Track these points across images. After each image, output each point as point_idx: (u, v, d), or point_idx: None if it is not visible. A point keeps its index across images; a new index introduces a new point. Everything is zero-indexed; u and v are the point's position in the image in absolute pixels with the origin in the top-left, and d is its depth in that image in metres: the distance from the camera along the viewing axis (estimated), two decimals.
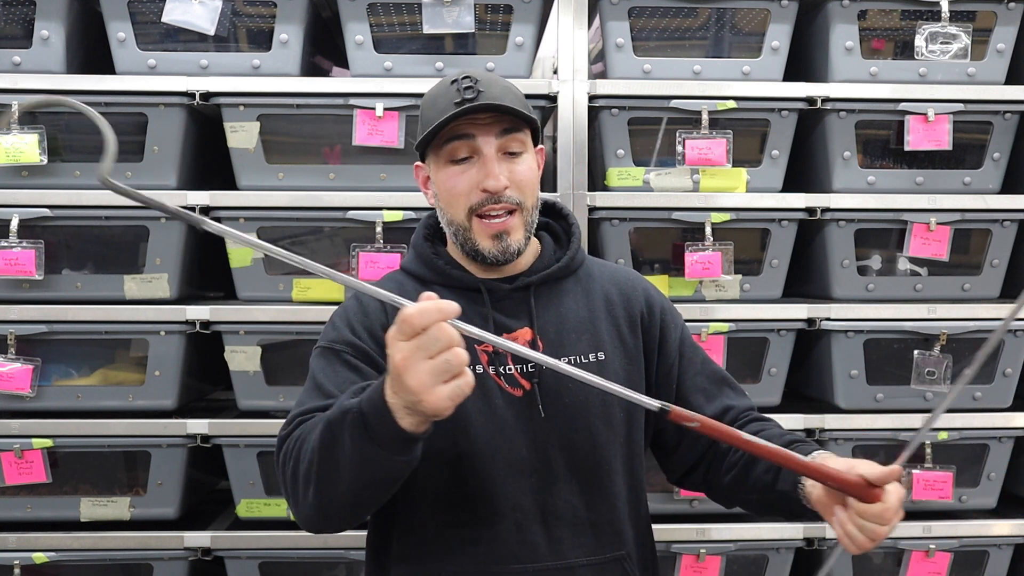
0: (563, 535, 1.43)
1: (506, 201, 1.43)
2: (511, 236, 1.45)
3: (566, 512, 1.43)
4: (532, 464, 1.43)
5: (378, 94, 2.20)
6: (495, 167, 1.43)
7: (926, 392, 2.29)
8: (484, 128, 1.43)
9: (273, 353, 2.24)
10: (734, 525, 2.25)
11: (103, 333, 2.19)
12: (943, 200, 2.29)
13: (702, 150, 2.23)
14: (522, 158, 1.47)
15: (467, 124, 1.42)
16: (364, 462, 1.19)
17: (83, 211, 2.19)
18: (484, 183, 1.42)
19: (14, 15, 2.26)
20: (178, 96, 2.19)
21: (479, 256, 1.46)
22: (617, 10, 2.25)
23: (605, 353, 1.49)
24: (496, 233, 1.44)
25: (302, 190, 2.22)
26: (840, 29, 2.28)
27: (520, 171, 1.45)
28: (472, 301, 1.47)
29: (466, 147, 1.44)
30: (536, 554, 1.41)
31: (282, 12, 2.22)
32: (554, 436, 1.44)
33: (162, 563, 2.19)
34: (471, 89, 1.42)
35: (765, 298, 2.31)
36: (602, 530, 1.46)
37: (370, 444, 1.17)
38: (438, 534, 1.43)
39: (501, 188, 1.42)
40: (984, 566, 2.32)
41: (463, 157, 1.44)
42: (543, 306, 1.49)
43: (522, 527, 1.41)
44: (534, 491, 1.43)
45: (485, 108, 1.41)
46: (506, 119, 1.44)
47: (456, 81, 1.44)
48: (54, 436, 2.16)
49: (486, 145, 1.43)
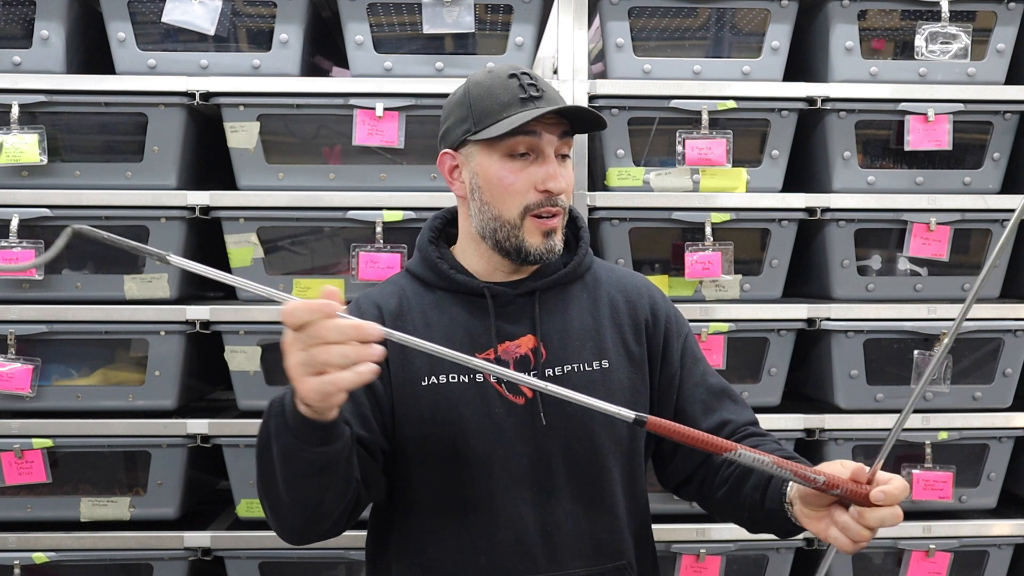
0: (562, 544, 1.42)
1: (559, 205, 1.44)
2: (556, 235, 1.45)
3: (566, 522, 1.42)
4: (532, 473, 1.42)
5: (378, 94, 2.20)
6: (558, 169, 1.43)
7: (926, 392, 2.29)
8: (549, 128, 1.42)
9: (273, 353, 2.24)
10: (734, 525, 2.24)
11: (103, 333, 2.20)
12: (943, 200, 2.29)
13: (702, 150, 2.23)
14: (569, 163, 1.48)
15: (533, 121, 1.40)
16: (285, 454, 1.22)
17: (83, 211, 2.18)
18: (547, 184, 1.41)
19: (14, 15, 2.26)
20: (178, 96, 2.19)
21: (522, 253, 1.44)
22: (617, 10, 2.25)
23: (609, 361, 1.47)
24: (548, 231, 1.44)
25: (302, 190, 2.22)
26: (840, 29, 2.28)
27: (569, 176, 1.47)
28: (476, 307, 1.46)
29: (527, 144, 1.42)
30: (535, 564, 1.41)
31: (282, 12, 2.22)
32: (556, 445, 1.43)
33: (162, 563, 2.19)
34: (534, 87, 1.42)
35: (765, 298, 2.31)
36: (602, 540, 1.45)
37: (287, 433, 1.20)
38: (436, 540, 1.43)
39: (563, 190, 1.43)
40: (984, 566, 2.32)
41: (522, 152, 1.43)
42: (548, 312, 1.48)
43: (520, 536, 1.41)
44: (534, 500, 1.42)
45: (569, 111, 1.41)
46: (564, 122, 1.44)
47: (515, 76, 1.43)
48: (54, 436, 2.16)
49: (549, 145, 1.43)
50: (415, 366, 1.43)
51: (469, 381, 1.42)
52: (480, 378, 1.43)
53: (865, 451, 2.34)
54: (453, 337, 1.44)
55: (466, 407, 1.42)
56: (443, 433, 1.42)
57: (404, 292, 1.50)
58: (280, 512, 1.31)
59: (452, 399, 1.42)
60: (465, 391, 1.42)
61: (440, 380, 1.42)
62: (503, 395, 1.43)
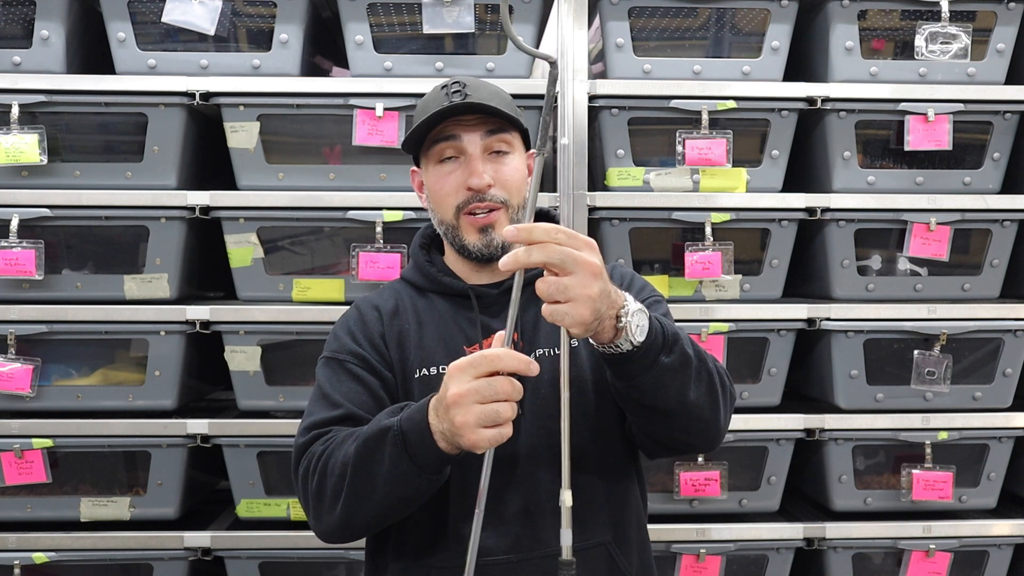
0: (544, 524, 1.44)
1: (490, 199, 1.49)
2: (495, 230, 1.49)
3: (547, 501, 1.44)
4: (511, 456, 1.45)
5: (378, 94, 2.20)
6: (479, 166, 1.48)
7: (926, 392, 2.29)
8: (469, 129, 1.49)
9: (273, 353, 2.24)
10: (734, 525, 2.25)
11: (103, 333, 2.20)
12: (943, 200, 2.29)
13: (702, 150, 2.23)
14: (508, 158, 1.52)
15: (453, 125, 1.49)
16: (399, 479, 1.28)
17: (83, 211, 2.19)
18: (468, 181, 1.48)
19: (14, 15, 2.26)
20: (178, 96, 2.19)
21: (466, 251, 1.52)
22: (617, 10, 2.25)
23: (578, 340, 1.50)
24: (481, 227, 1.49)
25: (302, 190, 2.22)
26: (840, 29, 2.28)
27: (505, 171, 1.51)
28: (462, 307, 1.54)
29: (452, 148, 1.50)
30: (519, 544, 1.43)
31: (282, 12, 2.22)
32: (532, 427, 1.46)
33: (162, 563, 2.19)
34: (459, 93, 1.47)
35: (765, 298, 2.31)
36: (582, 517, 1.46)
37: (408, 462, 1.27)
38: (428, 531, 1.45)
39: (485, 186, 1.48)
40: (984, 566, 2.32)
41: (449, 156, 1.50)
42: (526, 307, 1.52)
43: (504, 519, 1.43)
44: (515, 483, 1.44)
45: (466, 109, 1.47)
46: (492, 120, 1.49)
47: (446, 86, 1.50)
48: (54, 436, 2.16)
49: (471, 145, 1.49)
50: (410, 360, 1.50)
51: None
52: None
53: (865, 451, 2.34)
54: (444, 330, 1.51)
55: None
56: None
57: (400, 295, 1.58)
58: (354, 523, 1.36)
59: (438, 389, 1.44)
60: None
61: (431, 372, 1.49)
62: None
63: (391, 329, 1.52)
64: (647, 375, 1.27)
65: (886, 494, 2.31)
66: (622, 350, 1.25)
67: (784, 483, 2.31)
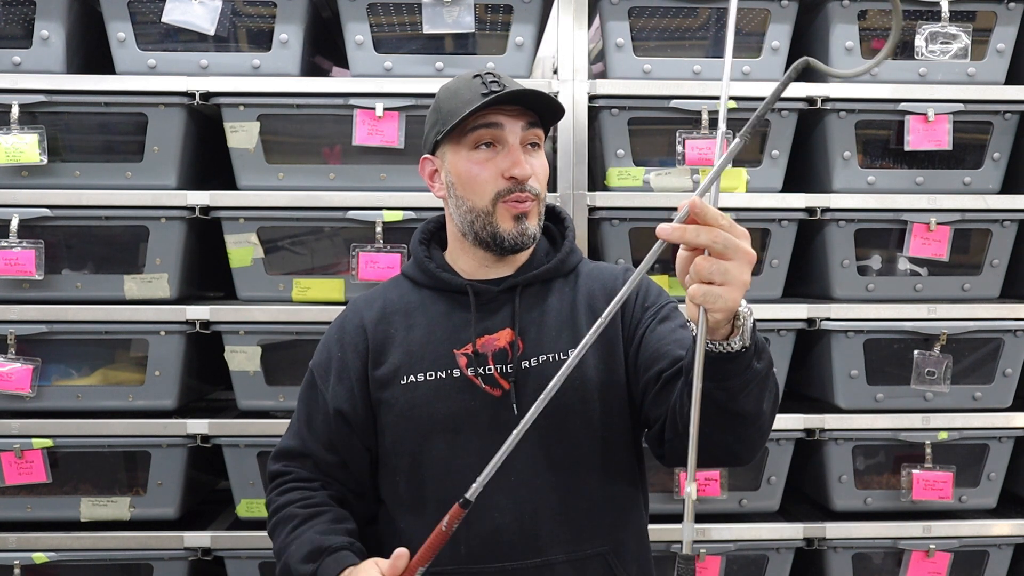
0: (540, 532, 1.43)
1: (528, 191, 1.47)
2: (529, 220, 1.48)
3: (543, 509, 1.44)
4: (508, 462, 1.43)
5: (378, 94, 2.20)
6: (522, 156, 1.47)
7: (926, 392, 2.29)
8: (511, 118, 1.47)
9: (273, 353, 2.24)
10: (734, 525, 2.25)
11: (103, 333, 2.20)
12: (943, 200, 2.29)
13: (702, 150, 2.23)
14: (539, 152, 1.52)
15: (495, 113, 1.46)
16: None
17: (83, 211, 2.19)
18: (512, 170, 1.46)
19: (14, 15, 2.26)
20: (178, 96, 2.19)
21: (497, 239, 1.48)
22: (617, 10, 2.25)
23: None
24: (519, 214, 1.47)
25: (302, 190, 2.22)
26: (840, 29, 2.28)
27: (539, 164, 1.51)
28: (459, 303, 1.52)
29: (490, 135, 1.47)
30: (514, 551, 1.43)
31: (282, 12, 2.22)
32: (531, 433, 1.43)
33: (162, 563, 2.19)
34: (496, 83, 1.46)
35: (765, 298, 2.31)
36: (580, 526, 1.45)
37: None
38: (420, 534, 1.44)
39: (528, 176, 1.46)
40: (984, 566, 2.32)
41: (487, 143, 1.48)
42: (528, 307, 1.51)
43: (499, 525, 1.43)
44: (511, 488, 1.43)
45: (517, 96, 1.45)
46: (530, 113, 1.49)
47: (479, 76, 1.48)
48: (54, 436, 2.16)
49: (512, 135, 1.47)
50: (394, 367, 1.50)
51: (447, 377, 1.48)
52: (458, 373, 1.48)
53: (865, 451, 2.34)
54: (434, 332, 1.50)
55: (442, 402, 1.47)
56: (421, 429, 1.47)
57: (387, 296, 1.58)
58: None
59: (428, 395, 1.47)
60: (441, 387, 1.47)
61: (418, 378, 1.48)
62: (480, 388, 1.47)
63: (375, 337, 1.52)
64: (740, 378, 1.25)
65: (886, 494, 2.31)
66: (734, 349, 1.23)
67: (784, 483, 2.31)
